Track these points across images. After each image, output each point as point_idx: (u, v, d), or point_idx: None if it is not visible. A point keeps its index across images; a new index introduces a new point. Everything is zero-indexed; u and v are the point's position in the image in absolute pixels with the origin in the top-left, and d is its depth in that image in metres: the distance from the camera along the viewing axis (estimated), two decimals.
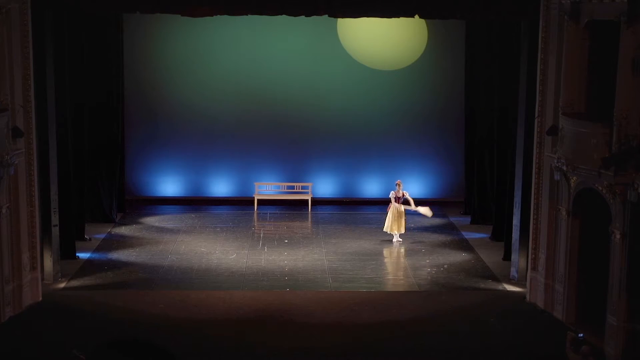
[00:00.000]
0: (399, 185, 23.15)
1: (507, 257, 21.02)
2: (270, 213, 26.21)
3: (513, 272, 20.15)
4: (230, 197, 27.12)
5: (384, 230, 23.05)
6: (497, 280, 20.28)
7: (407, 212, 23.14)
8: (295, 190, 27.03)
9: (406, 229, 23.16)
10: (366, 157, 26.89)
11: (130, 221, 24.95)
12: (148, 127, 26.51)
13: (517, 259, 19.96)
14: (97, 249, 22.22)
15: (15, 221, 17.86)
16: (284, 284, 19.88)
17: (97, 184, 24.48)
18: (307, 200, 26.72)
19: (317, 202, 26.96)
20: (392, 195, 23.07)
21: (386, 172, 26.79)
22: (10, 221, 17.62)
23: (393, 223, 22.88)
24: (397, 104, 26.65)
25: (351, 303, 18.65)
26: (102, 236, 23.34)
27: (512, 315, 18.19)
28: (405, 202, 23.12)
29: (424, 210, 23.46)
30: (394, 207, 22.90)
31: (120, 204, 25.51)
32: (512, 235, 20.21)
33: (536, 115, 18.66)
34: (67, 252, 20.89)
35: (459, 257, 22.03)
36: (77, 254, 21.43)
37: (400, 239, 23.01)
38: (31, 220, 18.42)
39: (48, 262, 19.46)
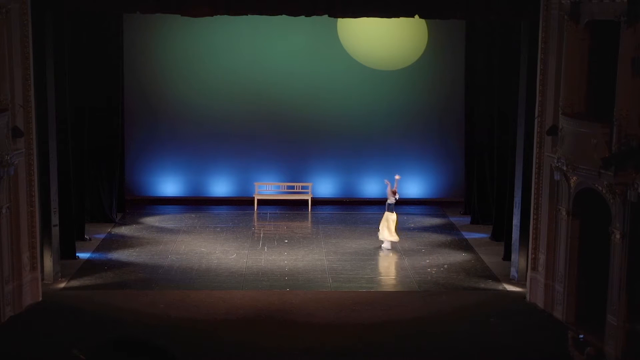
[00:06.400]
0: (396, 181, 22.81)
1: (507, 257, 21.02)
2: (270, 213, 26.21)
3: (513, 272, 20.15)
4: (230, 197, 27.12)
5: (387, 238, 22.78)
6: (497, 280, 20.28)
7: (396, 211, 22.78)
8: (295, 190, 27.03)
9: (397, 231, 22.68)
10: (366, 157, 26.90)
11: (130, 221, 24.94)
12: (148, 127, 26.52)
13: (517, 259, 19.96)
14: (97, 249, 22.23)
15: (15, 221, 17.86)
16: (284, 284, 19.88)
17: (97, 184, 24.48)
18: (307, 200, 26.72)
19: (317, 202, 26.96)
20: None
21: (386, 173, 26.75)
22: (10, 221, 17.62)
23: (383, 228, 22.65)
24: (397, 104, 26.66)
25: (351, 303, 18.65)
26: (102, 236, 23.34)
27: (512, 315, 18.19)
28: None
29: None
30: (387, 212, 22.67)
31: (120, 204, 25.50)
32: (512, 235, 20.21)
33: (536, 115, 18.66)
34: (67, 252, 20.89)
35: (459, 257, 22.03)
36: (77, 254, 21.43)
37: (390, 247, 22.58)
38: (31, 220, 18.42)
39: (48, 262, 19.47)
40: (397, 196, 22.65)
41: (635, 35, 15.31)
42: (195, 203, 26.80)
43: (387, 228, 22.47)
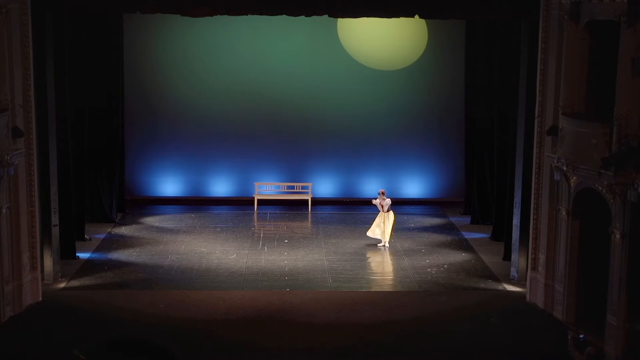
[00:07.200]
0: (382, 194, 22.96)
1: (507, 257, 21.02)
2: (270, 213, 26.21)
3: (513, 272, 20.15)
4: (230, 197, 27.12)
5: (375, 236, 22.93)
6: (497, 280, 20.27)
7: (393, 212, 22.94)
8: (295, 190, 27.03)
9: (393, 233, 22.91)
10: (366, 157, 26.89)
11: (130, 221, 24.95)
12: (148, 127, 26.52)
13: (517, 259, 19.96)
14: (97, 249, 22.23)
15: (15, 221, 17.85)
16: (284, 284, 19.87)
17: (97, 184, 24.48)
18: (307, 200, 26.71)
19: (317, 202, 26.96)
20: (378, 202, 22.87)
21: (386, 172, 26.80)
22: (10, 221, 17.62)
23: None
24: (397, 104, 26.65)
25: (351, 303, 18.65)
26: (102, 236, 23.34)
27: (512, 315, 18.19)
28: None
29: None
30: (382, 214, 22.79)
31: (120, 204, 25.50)
32: (512, 235, 20.20)
33: (536, 115, 18.66)
34: (67, 252, 20.88)
35: (459, 257, 22.03)
36: (77, 254, 21.43)
37: (387, 245, 22.77)
38: (31, 220, 18.42)
39: (48, 262, 19.46)
40: (384, 202, 22.63)
41: (635, 35, 15.31)
42: (195, 203, 26.80)
43: (379, 226, 22.55)
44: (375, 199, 23.00)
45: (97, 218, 24.52)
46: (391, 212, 22.74)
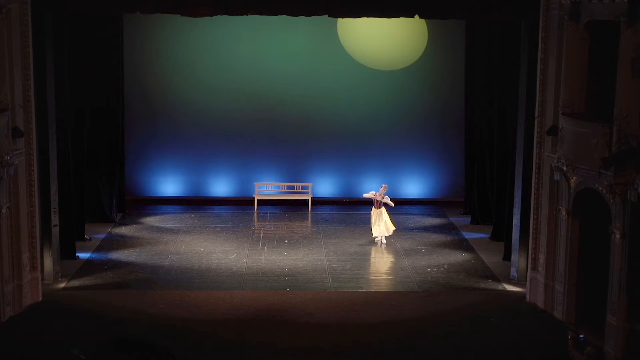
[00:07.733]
0: (384, 188, 23.04)
1: (507, 257, 21.02)
2: (270, 213, 26.21)
3: (513, 272, 20.15)
4: (230, 197, 27.12)
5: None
6: (497, 280, 20.28)
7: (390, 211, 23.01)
8: (295, 190, 27.03)
9: (396, 227, 23.09)
10: (366, 157, 26.89)
11: (130, 221, 24.94)
12: (148, 127, 26.52)
13: (517, 259, 19.96)
14: (97, 249, 22.23)
15: (15, 221, 17.86)
16: (284, 284, 19.88)
17: (97, 184, 24.48)
18: (307, 200, 26.71)
19: (317, 202, 26.96)
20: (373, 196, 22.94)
21: (386, 172, 26.79)
22: (10, 221, 17.62)
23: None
24: (397, 104, 26.66)
25: (351, 303, 18.66)
26: (102, 236, 23.34)
27: (512, 315, 18.19)
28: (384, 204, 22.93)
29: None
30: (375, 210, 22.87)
31: (120, 204, 25.50)
32: (512, 235, 20.21)
33: (536, 115, 18.67)
34: (67, 252, 20.89)
35: (459, 257, 22.03)
36: (77, 254, 21.43)
37: (385, 241, 22.90)
38: (31, 220, 18.42)
39: (48, 262, 19.47)
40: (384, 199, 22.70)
41: (635, 35, 15.31)
42: (195, 203, 26.81)
43: (379, 223, 22.57)
44: (376, 193, 22.92)
45: (97, 218, 24.50)
46: (383, 208, 22.72)
